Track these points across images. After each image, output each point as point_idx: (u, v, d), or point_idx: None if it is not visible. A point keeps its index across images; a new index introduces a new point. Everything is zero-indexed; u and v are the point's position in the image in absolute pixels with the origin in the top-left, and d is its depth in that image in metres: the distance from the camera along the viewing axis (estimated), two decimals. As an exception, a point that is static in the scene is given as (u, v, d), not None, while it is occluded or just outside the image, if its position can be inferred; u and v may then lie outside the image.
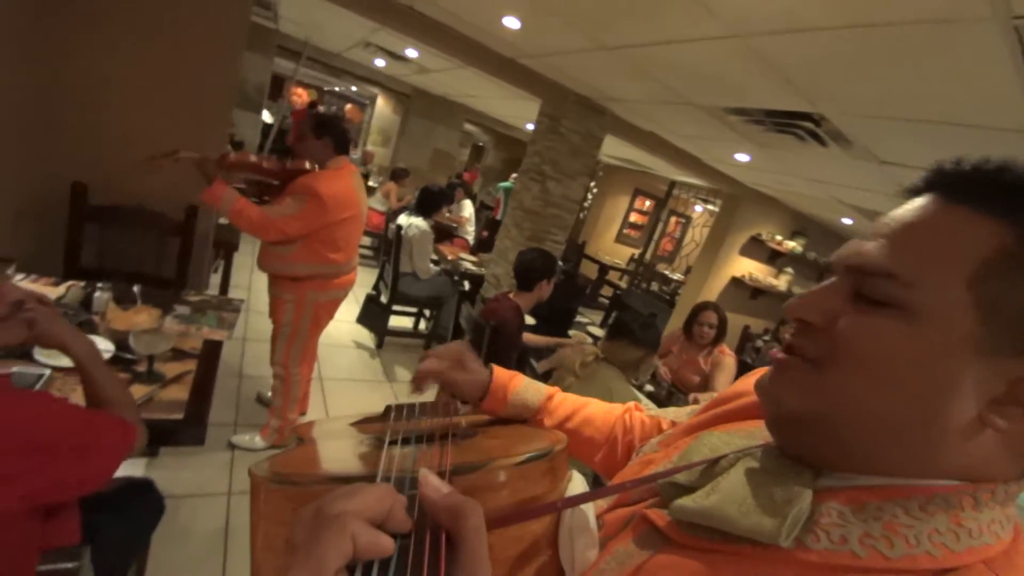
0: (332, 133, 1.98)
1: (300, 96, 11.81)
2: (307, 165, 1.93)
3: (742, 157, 3.52)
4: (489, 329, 2.10)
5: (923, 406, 0.32)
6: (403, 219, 3.62)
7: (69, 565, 0.63)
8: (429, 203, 3.68)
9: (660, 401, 2.54)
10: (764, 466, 0.38)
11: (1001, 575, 0.30)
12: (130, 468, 1.90)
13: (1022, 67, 1.23)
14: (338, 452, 0.50)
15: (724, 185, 4.72)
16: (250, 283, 3.96)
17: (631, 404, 0.74)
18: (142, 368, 1.36)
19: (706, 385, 2.71)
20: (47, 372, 1.25)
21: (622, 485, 0.44)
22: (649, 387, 2.66)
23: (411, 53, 3.88)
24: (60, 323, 0.92)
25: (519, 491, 0.39)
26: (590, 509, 0.44)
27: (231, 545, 1.78)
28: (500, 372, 0.65)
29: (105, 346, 1.39)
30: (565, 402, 0.69)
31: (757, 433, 0.45)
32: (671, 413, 0.70)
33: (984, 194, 0.33)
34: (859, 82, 1.69)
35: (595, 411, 0.70)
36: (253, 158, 1.88)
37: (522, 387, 0.65)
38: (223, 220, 3.22)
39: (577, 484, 0.44)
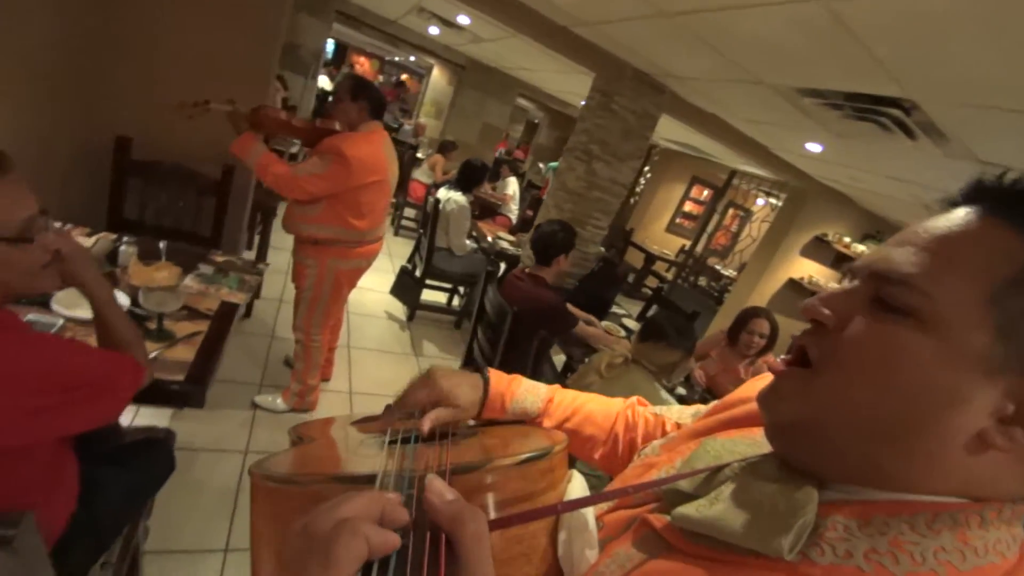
0: (368, 96, 1.95)
1: (362, 65, 11.98)
2: (336, 127, 1.89)
3: (814, 147, 3.18)
4: (512, 314, 2.00)
5: (923, 417, 0.32)
6: (442, 193, 3.55)
7: (5, 532, 0.60)
8: (470, 178, 3.59)
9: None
10: (768, 476, 0.38)
11: None
12: (155, 418, 1.98)
13: None
14: (338, 451, 0.49)
15: (790, 177, 4.33)
16: (294, 246, 4.04)
17: (633, 399, 0.72)
18: (153, 326, 1.35)
19: (744, 395, 2.51)
20: (60, 322, 1.26)
21: (624, 490, 0.44)
22: (681, 390, 2.49)
23: (463, 20, 3.74)
24: (86, 263, 0.96)
25: (519, 491, 0.39)
26: (590, 510, 0.43)
27: (241, 503, 1.82)
28: (497, 380, 0.63)
29: (122, 300, 1.40)
30: (564, 402, 0.68)
31: (762, 440, 0.43)
32: (675, 414, 0.69)
33: (1020, 210, 0.32)
34: (966, 62, 1.42)
35: (595, 408, 0.69)
36: (283, 115, 1.86)
37: (521, 393, 0.64)
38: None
39: (577, 484, 0.44)
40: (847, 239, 4.85)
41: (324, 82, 7.26)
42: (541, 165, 8.39)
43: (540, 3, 2.53)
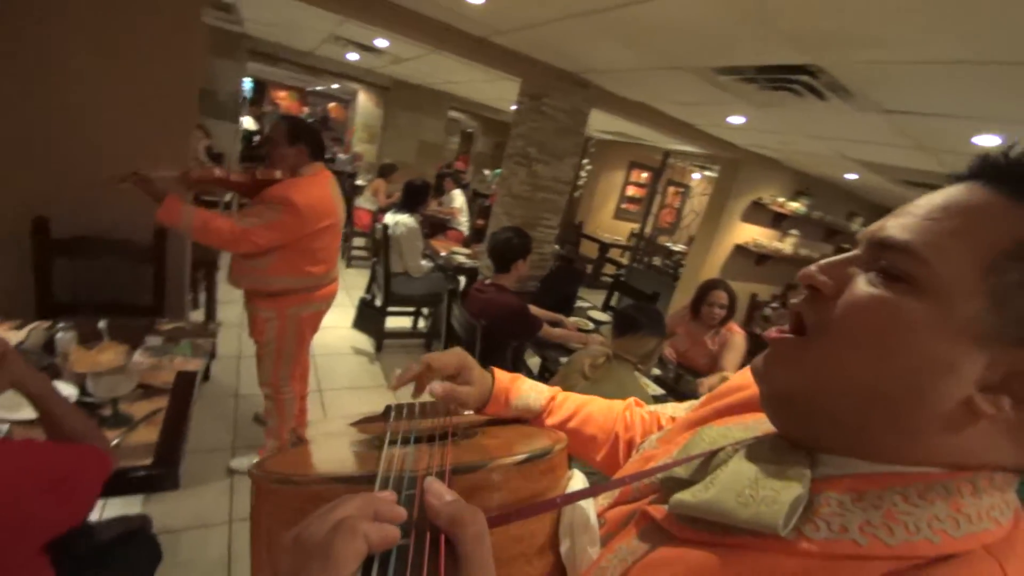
0: (306, 139, 1.86)
1: (283, 99, 11.66)
2: (278, 174, 1.80)
3: (736, 119, 3.34)
4: (481, 327, 2.00)
5: (912, 384, 0.32)
6: (389, 218, 3.51)
7: None
8: (414, 198, 3.57)
9: (668, 385, 2.44)
10: (761, 457, 0.38)
11: (1001, 560, 0.30)
12: (125, 506, 1.85)
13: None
14: (338, 452, 0.49)
15: (721, 150, 4.53)
16: (242, 297, 3.88)
17: (631, 401, 0.73)
18: (108, 412, 1.27)
19: (714, 366, 2.60)
20: (6, 427, 1.16)
21: (621, 480, 0.44)
22: (656, 371, 2.56)
23: (381, 43, 3.72)
24: (16, 359, 0.90)
25: (519, 490, 0.39)
26: (590, 506, 0.44)
27: (233, 574, 1.73)
28: (501, 376, 0.65)
29: (69, 391, 1.31)
30: (566, 402, 0.69)
31: (755, 426, 0.44)
32: (670, 408, 0.70)
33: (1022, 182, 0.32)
34: (856, 25, 1.54)
35: (596, 409, 0.70)
36: (218, 172, 1.76)
37: (524, 391, 0.65)
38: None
39: (577, 482, 0.44)
40: (780, 199, 5.12)
41: (248, 123, 7.02)
42: (487, 172, 8.42)
43: (453, 17, 2.54)
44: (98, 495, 0.91)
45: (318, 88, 11.21)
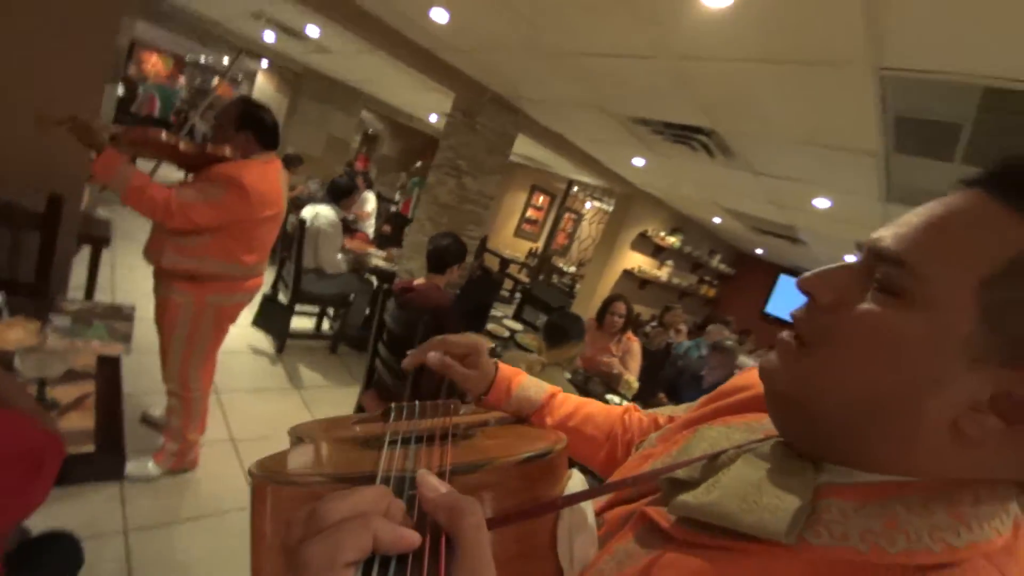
0: (255, 127, 1.76)
1: (155, 65, 10.25)
2: (227, 151, 1.69)
3: (639, 161, 3.85)
4: (423, 323, 2.07)
5: (906, 400, 0.32)
6: (307, 211, 3.36)
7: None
8: (340, 192, 3.48)
9: (579, 387, 2.72)
10: (766, 461, 0.38)
11: (1001, 568, 0.29)
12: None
13: (878, 104, 1.55)
14: (338, 452, 0.48)
15: (618, 185, 5.11)
16: (113, 283, 3.39)
17: (630, 405, 0.75)
18: (33, 394, 1.12)
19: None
20: None
21: (622, 481, 0.44)
22: (566, 374, 2.83)
23: (312, 31, 3.59)
24: None
25: (519, 491, 0.39)
26: (589, 507, 0.43)
27: (137, 588, 1.56)
28: (504, 368, 0.66)
29: (-31, 370, 1.13)
30: (567, 401, 0.69)
31: (756, 427, 0.45)
32: (667, 409, 0.70)
33: (1020, 192, 0.31)
34: (752, 105, 1.98)
35: (595, 410, 0.71)
36: (164, 137, 1.57)
37: (525, 383, 0.65)
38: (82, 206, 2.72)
39: (576, 482, 0.44)
40: (662, 233, 5.91)
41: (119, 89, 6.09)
42: (408, 184, 8.26)
43: (410, 27, 2.61)
44: (54, 478, 0.83)
45: (201, 59, 10.08)
